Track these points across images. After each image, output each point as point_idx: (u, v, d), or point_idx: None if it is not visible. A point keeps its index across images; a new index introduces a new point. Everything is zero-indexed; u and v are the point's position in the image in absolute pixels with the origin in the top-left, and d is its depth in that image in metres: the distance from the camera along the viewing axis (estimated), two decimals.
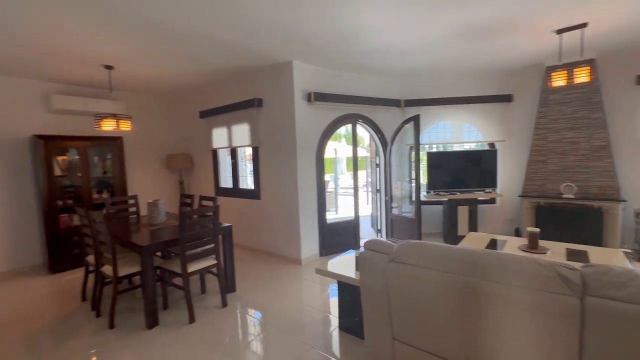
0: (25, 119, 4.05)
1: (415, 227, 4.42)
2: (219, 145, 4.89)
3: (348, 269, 2.44)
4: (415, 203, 4.40)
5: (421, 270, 1.50)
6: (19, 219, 4.05)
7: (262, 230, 4.46)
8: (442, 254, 1.49)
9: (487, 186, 4.60)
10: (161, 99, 5.41)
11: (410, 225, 4.52)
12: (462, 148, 5.07)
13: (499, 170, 4.62)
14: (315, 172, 4.16)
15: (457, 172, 4.66)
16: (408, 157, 4.93)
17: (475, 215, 4.52)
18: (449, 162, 4.71)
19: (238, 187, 4.86)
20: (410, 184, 4.72)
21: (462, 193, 4.53)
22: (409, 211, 4.86)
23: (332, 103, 4.12)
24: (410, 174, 4.81)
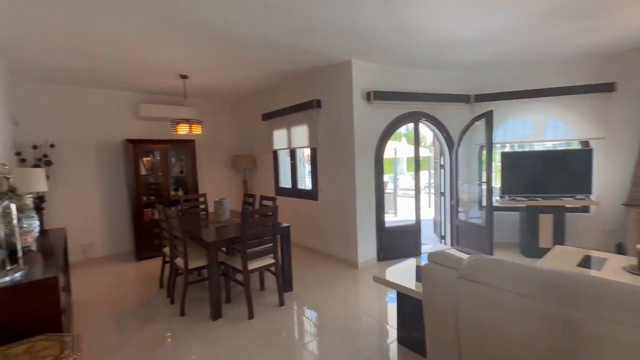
0: (118, 125, 4.69)
1: (485, 235, 3.98)
2: (279, 146, 5.05)
3: (408, 279, 2.27)
4: (487, 209, 3.97)
5: (498, 292, 1.30)
6: (115, 211, 4.70)
7: (319, 231, 4.47)
8: (526, 275, 1.27)
9: (576, 192, 3.93)
10: (228, 104, 5.79)
11: (479, 233, 4.09)
12: (543, 147, 4.43)
13: (595, 173, 3.90)
14: (374, 173, 4.02)
15: (538, 175, 4.07)
16: (478, 158, 4.48)
17: (562, 226, 3.90)
18: (528, 163, 4.15)
19: (296, 188, 4.95)
20: (480, 187, 4.28)
21: (545, 199, 3.94)
22: (478, 217, 4.41)
23: (392, 102, 3.93)
24: (481, 176, 4.35)
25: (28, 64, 3.36)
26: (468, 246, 4.27)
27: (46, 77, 3.89)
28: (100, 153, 4.57)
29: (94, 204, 4.54)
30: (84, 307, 3.15)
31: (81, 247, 4.46)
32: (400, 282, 2.20)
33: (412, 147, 4.33)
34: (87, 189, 4.49)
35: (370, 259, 4.03)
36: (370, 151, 3.96)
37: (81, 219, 4.45)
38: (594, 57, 3.88)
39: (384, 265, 3.92)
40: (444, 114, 4.33)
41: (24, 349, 1.52)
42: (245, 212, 2.72)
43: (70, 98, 4.32)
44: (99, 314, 3.00)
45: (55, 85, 4.19)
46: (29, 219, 2.50)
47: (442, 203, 4.73)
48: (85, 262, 4.47)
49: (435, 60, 3.76)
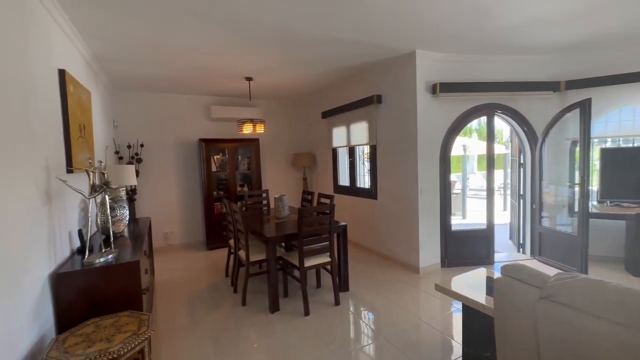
0: (193, 126, 5.17)
1: (579, 247, 3.38)
2: (338, 144, 5.02)
3: (477, 291, 2.03)
4: (581, 215, 3.36)
5: (595, 321, 1.05)
6: (190, 204, 5.21)
7: (377, 231, 4.32)
8: (636, 302, 1.00)
9: None
10: (289, 103, 5.96)
11: (569, 244, 3.49)
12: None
13: None
14: (439, 173, 3.72)
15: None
16: (569, 155, 3.82)
17: None
18: (637, 161, 3.40)
19: (355, 186, 4.86)
20: (572, 190, 3.65)
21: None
22: (568, 224, 3.77)
23: (461, 93, 3.58)
24: (573, 177, 3.71)
25: (123, 75, 3.89)
26: (553, 258, 3.68)
27: (137, 86, 4.46)
28: (178, 151, 5.10)
29: (173, 196, 5.10)
30: (164, 287, 3.54)
31: (163, 234, 5.05)
32: (468, 294, 1.97)
33: (485, 143, 3.89)
34: (169, 184, 5.06)
35: (433, 264, 3.74)
36: (435, 148, 3.67)
37: (164, 209, 5.03)
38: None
39: (449, 272, 3.61)
40: (526, 105, 3.80)
41: (111, 322, 1.74)
42: (303, 209, 2.75)
43: (156, 103, 4.90)
44: (174, 295, 3.34)
45: (144, 92, 4.79)
46: (122, 209, 2.88)
47: (521, 206, 4.17)
48: (166, 248, 5.05)
49: (514, 43, 3.30)
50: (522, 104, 3.79)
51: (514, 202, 4.58)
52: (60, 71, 2.23)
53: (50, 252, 1.88)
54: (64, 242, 2.15)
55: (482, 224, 3.91)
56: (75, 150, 2.36)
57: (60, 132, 2.22)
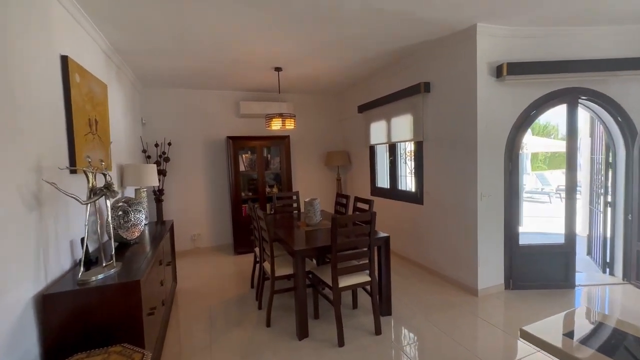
0: (222, 123, 4.90)
1: None
2: (376, 141, 4.47)
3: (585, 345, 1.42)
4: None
5: None
6: (218, 206, 4.96)
7: (424, 242, 3.72)
8: None
9: None
10: (322, 97, 5.50)
11: None
12: None
13: None
14: (504, 174, 3.05)
15: None
16: None
17: None
18: None
19: (396, 188, 4.29)
20: None
21: None
22: None
23: (535, 76, 2.88)
24: None
25: (147, 69, 3.67)
26: None
27: (163, 81, 4.26)
28: (207, 150, 4.86)
29: (201, 197, 4.87)
30: (185, 296, 3.26)
31: (191, 237, 4.84)
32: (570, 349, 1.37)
33: (537, 138, 3.13)
34: (197, 184, 4.84)
35: (495, 285, 3.08)
36: (499, 144, 3.00)
37: (191, 210, 4.82)
38: None
39: (516, 296, 2.95)
40: (621, 90, 2.99)
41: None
42: (336, 218, 2.27)
43: (184, 100, 4.70)
44: (195, 306, 3.03)
45: (172, 88, 4.60)
46: (137, 213, 2.59)
47: (610, 217, 3.34)
48: (193, 250, 4.84)
49: (606, 9, 2.55)
50: (615, 88, 2.99)
51: (593, 209, 3.74)
52: (62, 57, 1.96)
53: (38, 268, 1.59)
54: (63, 254, 1.88)
55: (557, 237, 3.18)
56: (81, 147, 2.08)
57: (63, 128, 1.95)
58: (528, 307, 2.77)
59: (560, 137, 11.41)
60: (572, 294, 2.99)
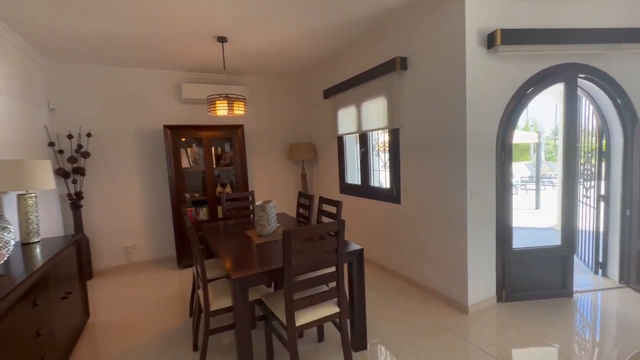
0: (160, 110, 4.03)
1: None
2: (345, 130, 3.85)
3: None
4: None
5: None
6: (157, 210, 4.10)
7: (403, 248, 3.18)
8: None
9: None
10: (283, 81, 4.78)
11: None
12: None
13: None
14: (496, 167, 2.55)
15: None
16: None
17: None
18: None
19: (368, 185, 3.71)
20: None
21: None
22: None
23: (532, 47, 2.39)
24: None
25: (44, 33, 2.75)
26: None
27: (77, 54, 3.32)
28: (141, 143, 3.97)
29: (135, 201, 3.99)
30: (97, 335, 2.45)
31: (124, 249, 3.95)
32: None
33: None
34: (128, 184, 3.94)
35: (486, 298, 2.60)
36: (490, 131, 2.49)
37: (123, 217, 3.93)
38: None
39: (510, 311, 2.48)
40: (620, 67, 2.60)
41: None
42: (289, 232, 1.61)
43: (109, 80, 3.76)
44: (107, 352, 2.24)
45: (91, 64, 3.65)
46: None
47: (603, 212, 2.99)
48: (127, 266, 3.96)
49: None
50: (615, 66, 2.59)
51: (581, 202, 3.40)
52: None
53: None
54: None
55: (552, 237, 2.75)
56: None
57: None
58: (525, 326, 2.30)
59: (538, 129, 11.34)
60: (571, 305, 2.58)
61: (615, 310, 2.48)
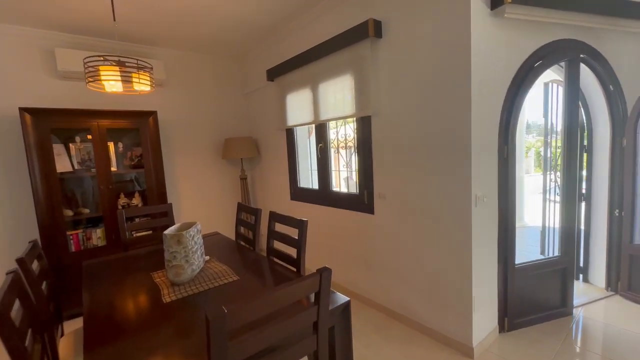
0: (19, 85, 2.69)
1: None
2: (297, 120, 3.04)
3: None
4: None
5: None
6: (21, 237, 2.74)
7: (376, 270, 2.49)
8: None
9: None
10: (213, 58, 3.75)
11: None
12: None
13: None
14: (498, 166, 2.01)
15: None
16: None
17: None
18: None
19: (329, 190, 2.95)
20: None
21: None
22: None
23: (544, 11, 1.89)
24: None
25: None
26: None
27: None
28: None
29: None
30: None
31: None
32: None
33: None
34: None
35: (490, 332, 2.04)
36: (492, 118, 1.93)
37: None
38: None
39: (514, 343, 1.96)
40: (613, 48, 2.28)
41: None
42: (220, 316, 0.73)
43: None
44: None
45: None
46: None
47: (585, 212, 2.71)
48: None
49: None
50: (609, 47, 2.26)
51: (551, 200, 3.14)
52: None
53: None
54: None
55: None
56: None
57: None
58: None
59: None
60: (572, 325, 2.18)
61: (617, 327, 2.13)
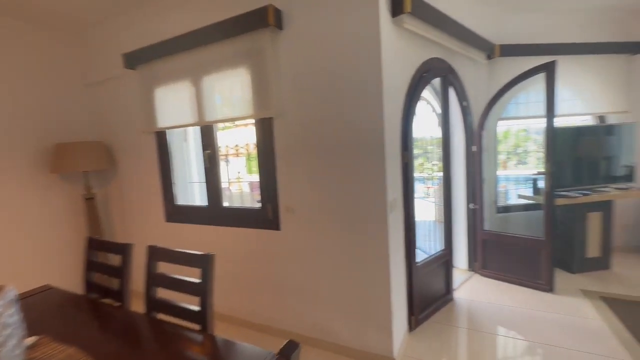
0: None
1: (542, 253, 2.63)
2: (172, 121, 2.41)
3: None
4: (547, 213, 2.61)
5: None
6: None
7: (286, 294, 2.18)
8: None
9: (612, 180, 3.07)
10: (37, 33, 2.60)
11: (527, 251, 2.72)
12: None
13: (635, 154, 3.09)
14: (401, 170, 2.06)
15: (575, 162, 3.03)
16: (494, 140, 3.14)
17: (610, 225, 2.96)
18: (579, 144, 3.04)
19: (220, 206, 2.44)
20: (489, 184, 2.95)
21: (586, 193, 2.89)
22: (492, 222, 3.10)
23: (430, 29, 2.06)
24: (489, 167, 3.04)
25: None
26: (504, 271, 2.87)
27: None
28: None
29: None
30: None
31: None
32: None
33: None
34: None
35: (404, 335, 2.07)
36: (395, 125, 1.96)
37: None
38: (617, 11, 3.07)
39: (427, 340, 2.05)
40: (462, 69, 2.76)
41: None
42: None
43: None
44: None
45: None
46: None
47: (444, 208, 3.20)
48: None
49: None
50: (460, 68, 2.72)
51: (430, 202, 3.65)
52: None
53: None
54: None
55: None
56: None
57: None
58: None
59: None
60: (456, 309, 2.48)
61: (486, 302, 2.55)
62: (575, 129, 3.12)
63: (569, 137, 2.99)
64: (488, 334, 2.15)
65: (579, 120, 3.41)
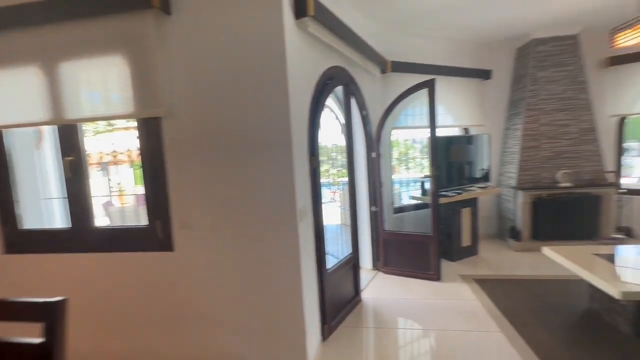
0: None
1: (431, 247, 2.98)
2: (12, 118, 1.79)
3: None
4: (434, 211, 2.96)
5: None
6: None
7: (184, 325, 1.84)
8: None
9: (474, 181, 3.74)
10: None
11: (420, 246, 3.05)
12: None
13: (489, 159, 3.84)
14: (310, 175, 2.00)
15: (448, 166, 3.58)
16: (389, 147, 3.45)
17: (477, 218, 3.58)
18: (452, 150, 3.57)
19: (88, 227, 1.93)
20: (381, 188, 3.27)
21: (459, 192, 3.45)
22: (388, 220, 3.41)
23: (333, 37, 2.09)
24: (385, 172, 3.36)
25: None
26: (403, 266, 3.14)
27: None
28: None
29: None
30: None
31: None
32: None
33: None
34: None
35: (317, 346, 2.00)
36: (302, 129, 1.90)
37: None
38: (472, 43, 3.80)
39: (336, 347, 2.05)
40: (361, 81, 2.94)
41: None
42: None
43: None
44: None
45: None
46: None
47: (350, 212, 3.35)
48: None
49: None
50: (359, 79, 2.88)
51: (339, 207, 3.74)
52: None
53: None
54: None
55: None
56: None
57: None
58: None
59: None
60: (364, 309, 2.58)
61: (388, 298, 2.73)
62: (447, 138, 3.68)
63: (443, 145, 3.51)
64: (392, 329, 2.28)
65: (449, 131, 4.06)
